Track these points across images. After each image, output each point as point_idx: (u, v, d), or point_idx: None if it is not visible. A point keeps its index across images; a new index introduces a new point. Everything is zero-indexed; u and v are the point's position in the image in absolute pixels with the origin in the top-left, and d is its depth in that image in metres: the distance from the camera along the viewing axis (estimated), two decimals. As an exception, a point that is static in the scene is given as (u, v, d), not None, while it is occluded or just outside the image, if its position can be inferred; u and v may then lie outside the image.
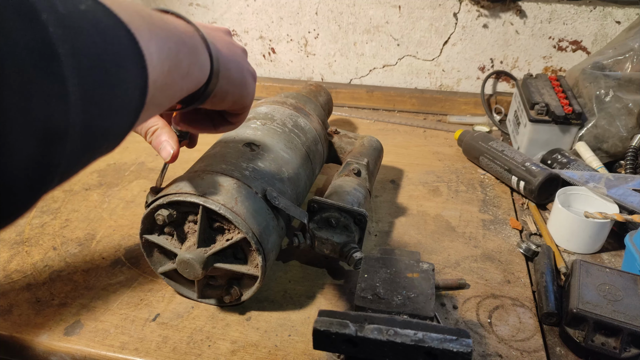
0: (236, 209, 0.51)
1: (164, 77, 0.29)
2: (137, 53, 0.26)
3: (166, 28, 0.31)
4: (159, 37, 0.29)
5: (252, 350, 0.54)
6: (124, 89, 0.25)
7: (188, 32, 0.34)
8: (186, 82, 0.34)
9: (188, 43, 0.33)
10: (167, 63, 0.29)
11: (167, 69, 0.30)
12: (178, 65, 0.31)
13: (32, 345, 0.55)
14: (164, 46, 0.29)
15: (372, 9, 1.10)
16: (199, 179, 0.53)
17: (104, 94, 0.23)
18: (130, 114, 0.26)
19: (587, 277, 0.56)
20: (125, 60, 0.25)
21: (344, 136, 0.79)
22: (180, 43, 0.32)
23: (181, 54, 0.32)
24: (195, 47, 0.34)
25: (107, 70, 0.23)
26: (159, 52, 0.28)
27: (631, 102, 0.83)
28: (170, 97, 0.33)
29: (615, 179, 0.73)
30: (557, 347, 0.55)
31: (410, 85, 1.18)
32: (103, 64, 0.23)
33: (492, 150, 0.86)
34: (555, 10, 1.01)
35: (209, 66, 0.37)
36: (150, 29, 0.28)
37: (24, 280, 0.63)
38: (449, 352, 0.37)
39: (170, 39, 0.30)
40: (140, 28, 0.27)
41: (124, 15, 0.25)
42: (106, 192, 0.81)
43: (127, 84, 0.25)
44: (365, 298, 0.46)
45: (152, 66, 0.27)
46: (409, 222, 0.75)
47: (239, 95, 0.42)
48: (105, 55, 0.23)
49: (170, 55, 0.30)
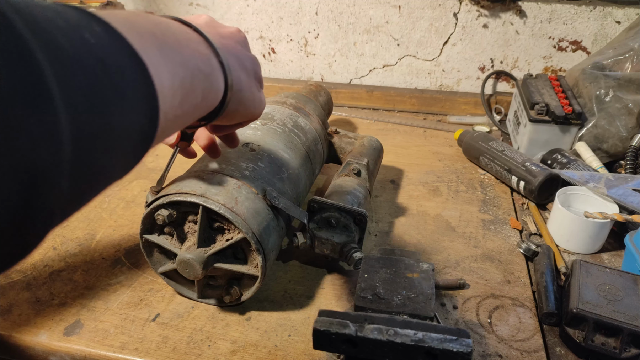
0: (236, 209, 0.51)
1: (176, 109, 0.28)
2: (147, 86, 0.24)
3: (183, 53, 0.29)
4: (175, 65, 0.27)
5: (252, 350, 0.54)
6: (127, 126, 0.23)
7: (205, 56, 0.32)
8: (199, 109, 0.32)
9: (204, 70, 0.31)
10: (180, 93, 0.28)
11: (179, 100, 0.28)
12: (192, 94, 0.30)
13: (32, 345, 0.55)
14: (179, 75, 0.28)
15: (372, 9, 1.10)
16: (199, 179, 0.53)
17: (100, 134, 0.21)
18: (134, 150, 0.25)
19: (587, 277, 0.56)
20: (131, 96, 0.23)
21: (344, 136, 0.79)
22: (196, 69, 0.30)
23: (196, 81, 0.30)
24: (211, 72, 0.33)
25: (105, 109, 0.21)
26: (171, 82, 0.27)
27: (631, 102, 0.83)
28: (181, 125, 0.31)
29: (615, 179, 0.73)
30: (557, 347, 0.55)
31: (410, 85, 1.18)
32: (102, 103, 0.21)
33: (492, 150, 0.86)
34: (555, 10, 1.01)
35: (222, 90, 0.35)
36: (165, 56, 0.26)
37: (24, 280, 0.63)
38: (449, 352, 0.37)
39: (186, 66, 0.29)
40: (154, 56, 0.25)
41: (137, 42, 0.24)
42: (106, 192, 0.81)
43: (131, 120, 0.23)
44: (365, 298, 0.46)
45: (164, 98, 0.26)
46: (409, 222, 0.75)
47: (248, 113, 0.42)
48: (106, 93, 0.21)
49: (184, 84, 0.28)
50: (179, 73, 0.28)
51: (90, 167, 0.22)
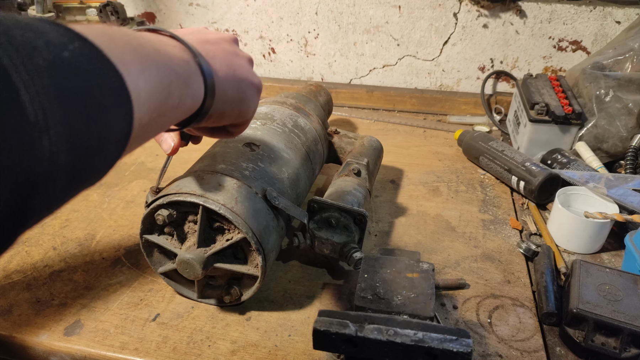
0: (236, 209, 0.51)
1: (152, 113, 0.29)
2: (123, 94, 0.26)
3: (158, 60, 0.30)
4: (150, 72, 0.29)
5: (252, 350, 0.54)
6: (108, 131, 0.25)
7: (183, 60, 0.34)
8: (176, 112, 0.34)
9: (181, 73, 0.33)
10: (156, 98, 0.29)
11: (156, 104, 0.29)
12: (168, 98, 0.31)
13: (32, 345, 0.55)
14: (154, 80, 0.29)
15: (372, 9, 1.10)
16: (199, 179, 0.53)
17: (87, 139, 0.23)
18: (114, 152, 0.27)
19: (587, 277, 0.56)
20: (110, 103, 0.25)
21: (344, 136, 0.79)
22: (172, 75, 0.31)
23: (172, 86, 0.31)
24: (188, 76, 0.34)
25: (90, 117, 0.23)
26: (148, 88, 0.28)
27: (631, 102, 0.83)
28: (158, 128, 0.33)
29: (615, 179, 0.73)
30: (557, 347, 0.55)
31: (410, 85, 1.18)
32: (86, 111, 0.23)
33: (492, 150, 0.86)
34: (555, 10, 1.01)
35: (202, 93, 0.36)
36: (142, 63, 0.28)
37: (24, 280, 0.63)
38: (449, 352, 0.37)
39: (162, 72, 0.30)
40: (130, 64, 0.27)
41: (113, 53, 0.26)
42: (106, 192, 0.81)
43: (111, 126, 0.25)
44: (365, 298, 0.46)
45: (139, 104, 0.27)
46: (409, 222, 0.75)
47: (238, 113, 0.42)
48: (89, 101, 0.23)
49: (160, 89, 0.30)
50: (155, 79, 0.29)
51: (81, 169, 0.24)
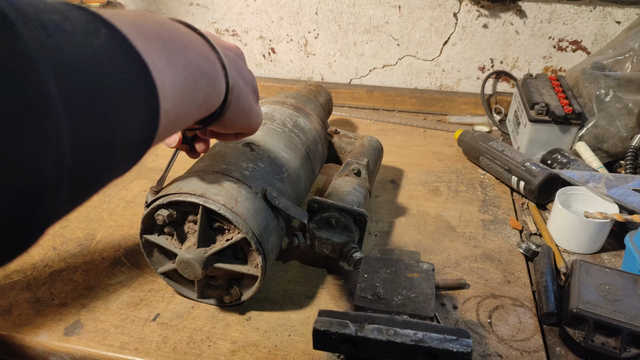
0: (236, 209, 0.51)
1: (178, 109, 0.28)
2: (148, 89, 0.25)
3: (187, 56, 0.29)
4: (178, 67, 0.28)
5: (252, 350, 0.54)
6: (127, 131, 0.24)
7: (209, 60, 0.33)
8: (200, 110, 0.33)
9: (207, 73, 0.32)
10: (182, 95, 0.28)
11: (180, 101, 0.29)
12: (194, 96, 0.30)
13: (32, 345, 0.55)
14: (181, 76, 0.28)
15: (372, 9, 1.10)
16: (199, 179, 0.53)
17: (100, 142, 0.22)
18: (137, 148, 0.26)
19: (587, 277, 0.56)
20: (133, 100, 0.24)
21: (344, 136, 0.79)
22: (199, 72, 0.31)
23: (198, 84, 0.31)
24: (214, 76, 0.33)
25: (106, 117, 0.22)
26: (174, 83, 0.27)
27: (631, 102, 0.83)
28: (182, 125, 0.32)
29: (615, 179, 0.73)
30: (557, 347, 0.55)
31: (410, 85, 1.18)
32: (103, 111, 0.22)
33: (492, 150, 0.86)
34: (555, 10, 1.01)
35: (223, 94, 0.36)
36: (169, 59, 0.27)
37: (24, 280, 0.63)
38: (449, 352, 0.37)
39: (190, 68, 0.29)
40: (157, 58, 0.26)
41: (142, 44, 0.24)
42: (106, 192, 0.81)
43: (132, 124, 0.24)
44: (365, 298, 0.46)
45: (165, 98, 0.26)
46: (409, 222, 0.75)
47: (245, 122, 0.42)
48: (108, 101, 0.22)
49: (186, 86, 0.29)
50: (182, 74, 0.28)
51: (90, 173, 0.22)
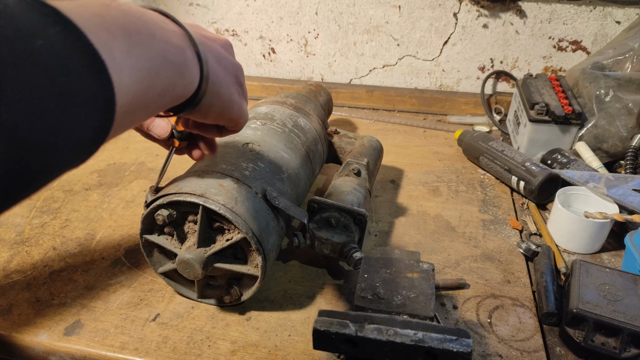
0: (236, 209, 0.51)
1: (138, 99, 0.28)
2: (102, 85, 0.24)
3: (151, 46, 0.30)
4: (140, 58, 0.28)
5: (252, 350, 0.54)
6: (74, 129, 0.23)
7: (179, 48, 0.33)
8: (165, 99, 0.33)
9: (174, 61, 0.32)
10: (143, 85, 0.29)
11: (142, 91, 0.29)
12: (156, 84, 0.30)
13: (32, 345, 0.55)
14: (142, 67, 0.28)
15: (372, 9, 1.10)
16: (199, 179, 0.53)
17: (40, 142, 0.22)
18: (85, 147, 0.25)
19: (587, 277, 0.56)
20: (83, 98, 0.23)
21: (344, 136, 0.79)
22: (163, 62, 0.31)
23: (162, 74, 0.31)
24: (182, 64, 0.33)
25: (47, 117, 0.22)
26: (134, 76, 0.27)
27: (631, 102, 0.83)
28: (146, 114, 0.32)
29: (615, 179, 0.73)
30: (557, 347, 0.55)
31: (410, 85, 1.18)
32: (44, 111, 0.21)
33: (492, 150, 0.86)
34: (555, 10, 1.01)
35: (197, 82, 0.36)
36: (131, 50, 0.27)
37: (24, 280, 0.63)
38: (449, 352, 0.37)
39: (152, 58, 0.30)
40: (117, 50, 0.26)
41: (100, 38, 0.24)
42: (106, 192, 0.81)
43: (80, 122, 0.24)
44: (365, 298, 0.46)
45: (122, 93, 0.26)
46: (409, 222, 0.75)
47: (224, 111, 0.42)
48: (50, 101, 0.21)
49: (148, 75, 0.29)
50: (144, 65, 0.28)
51: (28, 172, 0.22)
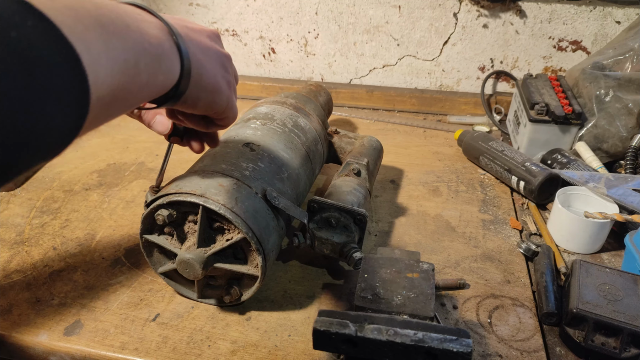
0: (236, 209, 0.51)
1: (116, 91, 0.28)
2: (77, 78, 0.24)
3: (127, 37, 0.30)
4: (115, 50, 0.28)
5: (252, 350, 0.54)
6: (48, 122, 0.23)
7: (156, 38, 0.33)
8: (146, 90, 0.33)
9: (152, 51, 0.32)
10: (120, 78, 0.28)
11: (120, 82, 0.29)
12: (135, 76, 0.30)
13: (32, 345, 0.55)
14: (119, 58, 0.28)
15: (372, 9, 1.10)
16: (199, 179, 0.53)
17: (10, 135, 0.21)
18: (59, 139, 0.25)
19: (587, 277, 0.56)
20: (57, 91, 0.23)
21: (344, 136, 0.79)
22: (141, 52, 0.31)
23: (141, 64, 0.31)
24: (160, 54, 0.33)
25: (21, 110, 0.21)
26: (110, 67, 0.27)
27: (631, 102, 0.83)
28: (126, 106, 0.32)
29: (615, 179, 0.73)
30: (557, 347, 0.55)
31: (410, 85, 1.18)
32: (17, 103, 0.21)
33: (492, 150, 0.86)
34: (555, 10, 1.01)
35: (177, 72, 0.36)
36: (107, 41, 0.27)
37: (24, 280, 0.63)
38: (449, 352, 0.37)
39: (129, 49, 0.29)
40: (92, 43, 0.26)
41: (75, 31, 0.24)
42: (106, 192, 0.81)
43: (54, 115, 0.23)
44: (365, 298, 0.46)
45: (98, 85, 0.26)
46: (409, 222, 0.75)
47: (211, 102, 0.42)
48: (24, 94, 0.21)
49: (126, 67, 0.29)
50: (120, 57, 0.28)
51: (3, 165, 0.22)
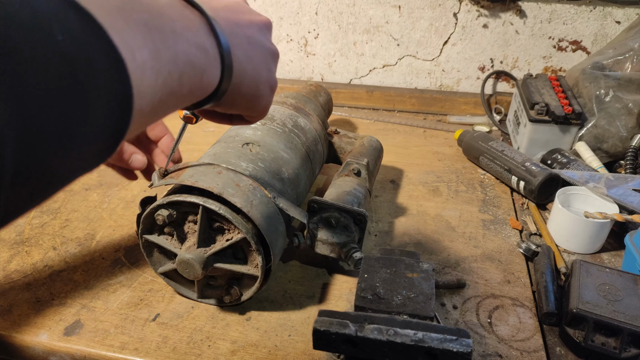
0: (252, 213, 0.51)
1: (155, 106, 0.27)
2: (121, 87, 0.23)
3: (176, 47, 0.27)
4: (162, 61, 0.26)
5: (252, 350, 0.54)
6: (89, 129, 0.22)
7: (203, 49, 0.30)
8: (182, 103, 0.31)
9: (196, 64, 0.29)
10: (163, 89, 0.27)
11: (160, 97, 0.27)
12: (176, 89, 0.28)
13: (32, 345, 0.55)
14: (164, 71, 0.26)
15: (372, 9, 1.10)
16: (215, 176, 0.53)
17: (53, 140, 0.20)
18: (99, 150, 0.24)
19: (587, 277, 0.56)
20: (99, 98, 0.22)
21: (344, 136, 0.79)
22: (186, 65, 0.28)
23: (184, 78, 0.28)
24: (204, 68, 0.30)
25: (63, 114, 0.20)
26: (154, 80, 0.25)
27: (631, 102, 0.83)
28: (161, 115, 0.30)
29: (615, 179, 0.73)
30: (557, 347, 0.55)
31: (410, 85, 1.18)
32: (60, 107, 0.20)
33: (492, 150, 0.86)
34: (555, 10, 1.01)
35: (215, 84, 0.32)
36: (154, 50, 0.25)
37: (24, 280, 0.63)
38: (449, 352, 0.37)
39: (175, 61, 0.27)
40: (139, 51, 0.24)
41: (121, 36, 0.23)
42: (106, 192, 0.81)
43: (96, 122, 0.22)
44: (365, 298, 0.46)
45: (141, 97, 0.24)
46: (409, 222, 0.75)
47: (248, 107, 0.39)
48: (67, 97, 0.20)
49: (169, 81, 0.27)
50: (166, 69, 0.26)
51: (39, 173, 0.21)
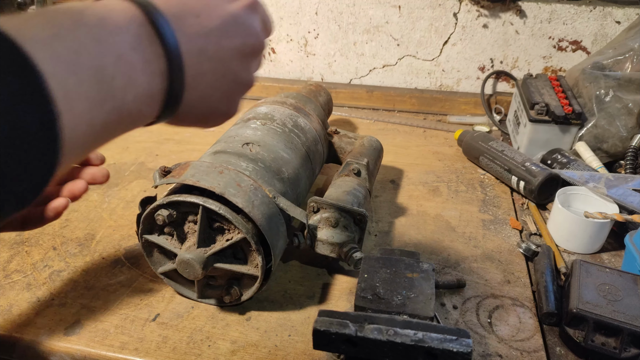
0: (253, 213, 0.51)
1: (87, 148, 0.25)
2: (50, 145, 0.22)
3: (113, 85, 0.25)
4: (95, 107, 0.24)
5: (252, 350, 0.54)
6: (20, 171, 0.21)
7: (149, 95, 0.27)
8: (123, 130, 0.28)
9: (143, 113, 0.28)
10: (98, 134, 0.25)
11: (94, 139, 0.25)
12: (115, 129, 0.27)
13: (32, 345, 0.55)
14: (98, 118, 0.25)
15: (372, 9, 1.10)
16: (218, 175, 0.53)
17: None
18: (20, 200, 0.22)
19: (587, 277, 0.56)
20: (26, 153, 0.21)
21: (344, 136, 0.79)
22: (128, 116, 0.27)
23: (122, 125, 0.27)
24: (150, 113, 0.28)
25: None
26: (89, 127, 0.24)
27: (631, 102, 0.83)
28: (98, 145, 0.27)
29: (615, 179, 0.73)
30: (557, 347, 0.55)
31: (410, 85, 1.18)
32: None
33: (492, 150, 0.86)
34: (555, 10, 1.01)
35: (161, 103, 0.29)
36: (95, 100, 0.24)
37: (24, 280, 0.63)
38: (449, 352, 0.37)
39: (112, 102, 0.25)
40: (76, 99, 0.23)
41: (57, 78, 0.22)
42: (106, 192, 0.81)
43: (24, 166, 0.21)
44: (365, 298, 0.46)
45: (71, 148, 0.23)
46: (409, 222, 0.75)
47: (202, 123, 0.34)
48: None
49: (105, 128, 0.25)
50: (99, 117, 0.25)
51: None
